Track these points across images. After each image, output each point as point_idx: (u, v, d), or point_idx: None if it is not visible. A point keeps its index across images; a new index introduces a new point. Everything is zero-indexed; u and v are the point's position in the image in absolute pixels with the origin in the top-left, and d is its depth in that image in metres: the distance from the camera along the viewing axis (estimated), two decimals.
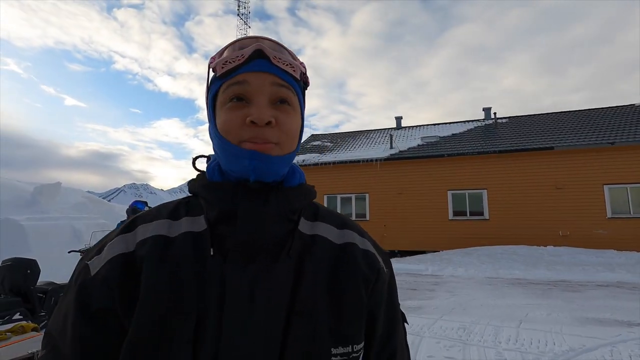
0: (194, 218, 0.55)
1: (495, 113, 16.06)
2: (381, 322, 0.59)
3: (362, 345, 0.55)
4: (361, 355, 0.55)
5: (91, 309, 0.49)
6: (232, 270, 0.50)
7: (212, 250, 0.51)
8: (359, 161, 14.27)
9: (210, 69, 0.56)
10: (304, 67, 0.59)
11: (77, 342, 0.49)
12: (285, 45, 0.57)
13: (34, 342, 1.68)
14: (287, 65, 0.54)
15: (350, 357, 0.52)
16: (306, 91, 0.62)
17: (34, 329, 1.87)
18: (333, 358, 0.51)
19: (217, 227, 0.54)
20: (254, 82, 0.52)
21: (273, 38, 0.56)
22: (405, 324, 0.67)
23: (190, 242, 0.52)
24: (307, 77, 0.60)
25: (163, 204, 0.61)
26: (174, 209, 0.58)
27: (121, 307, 0.49)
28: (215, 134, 0.55)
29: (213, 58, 0.55)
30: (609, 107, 14.70)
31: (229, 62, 0.52)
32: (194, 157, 0.62)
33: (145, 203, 4.08)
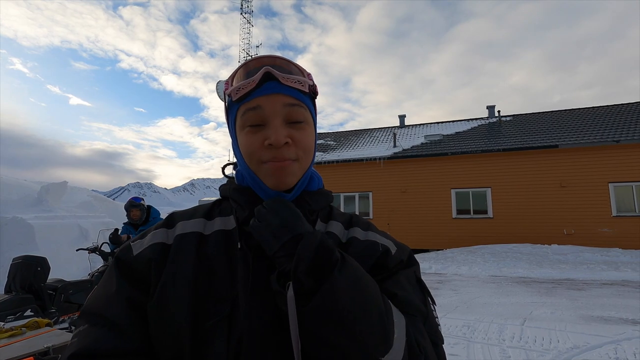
0: (225, 218, 0.62)
1: (499, 111, 16.02)
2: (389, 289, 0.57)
3: None
4: None
5: (134, 276, 0.56)
6: (258, 259, 0.56)
7: (239, 244, 0.57)
8: (362, 160, 14.28)
9: (226, 95, 0.60)
10: (311, 79, 0.61)
11: (123, 302, 0.53)
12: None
13: (48, 337, 1.72)
14: (295, 82, 0.57)
15: None
16: (316, 100, 0.65)
17: (47, 325, 1.92)
18: None
19: (245, 225, 0.59)
20: (267, 106, 0.56)
21: (278, 54, 0.60)
22: (434, 307, 0.63)
23: (222, 238, 0.59)
24: (316, 87, 0.63)
25: (199, 205, 0.68)
26: (209, 210, 0.65)
27: (152, 284, 0.55)
28: (238, 153, 0.61)
29: (227, 84, 0.60)
30: (615, 105, 14.60)
31: (242, 89, 0.56)
32: (223, 165, 0.68)
33: (141, 199, 4.26)
